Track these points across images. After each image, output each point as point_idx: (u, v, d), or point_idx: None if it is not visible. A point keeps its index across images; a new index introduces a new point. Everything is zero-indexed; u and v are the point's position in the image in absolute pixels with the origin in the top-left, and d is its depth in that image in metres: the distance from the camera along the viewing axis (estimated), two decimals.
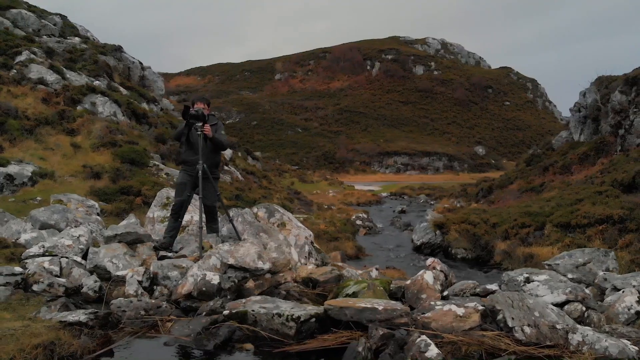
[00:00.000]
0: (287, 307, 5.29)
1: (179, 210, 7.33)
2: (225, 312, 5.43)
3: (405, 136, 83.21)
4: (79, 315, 5.14)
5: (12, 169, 11.35)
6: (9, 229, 7.59)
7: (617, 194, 11.78)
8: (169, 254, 7.11)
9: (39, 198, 11.03)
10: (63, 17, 23.21)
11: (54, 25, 21.50)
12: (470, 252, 11.85)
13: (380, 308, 4.97)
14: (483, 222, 12.22)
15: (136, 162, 13.33)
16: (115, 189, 11.59)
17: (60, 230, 7.74)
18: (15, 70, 15.47)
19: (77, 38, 21.34)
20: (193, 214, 9.83)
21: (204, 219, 7.78)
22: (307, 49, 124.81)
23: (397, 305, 5.15)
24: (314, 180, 42.96)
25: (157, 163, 13.83)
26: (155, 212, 9.65)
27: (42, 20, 20.81)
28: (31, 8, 21.36)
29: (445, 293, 6.40)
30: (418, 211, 26.81)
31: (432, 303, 5.55)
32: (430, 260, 7.66)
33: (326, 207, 22.81)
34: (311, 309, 5.25)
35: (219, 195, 7.41)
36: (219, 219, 8.14)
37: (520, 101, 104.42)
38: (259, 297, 5.74)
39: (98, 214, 10.12)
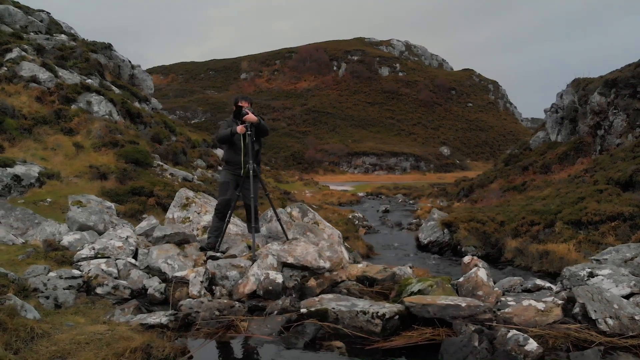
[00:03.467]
0: (365, 305, 5.33)
1: (223, 210, 7.28)
2: (303, 310, 5.44)
3: (373, 137, 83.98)
4: (159, 317, 5.08)
5: (19, 169, 10.99)
6: (43, 231, 7.36)
7: (618, 192, 12.24)
8: (218, 254, 7.05)
9: (49, 199, 10.72)
10: (47, 14, 22.46)
11: (41, 21, 20.72)
12: (480, 250, 12.09)
13: (463, 305, 5.06)
14: (490, 220, 12.50)
15: (140, 163, 13.07)
16: (127, 190, 11.35)
17: (99, 232, 7.56)
18: (6, 68, 14.88)
19: (63, 35, 20.69)
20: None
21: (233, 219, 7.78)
22: (269, 48, 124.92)
23: (478, 301, 5.27)
24: (289, 181, 42.87)
25: (160, 163, 13.58)
26: (175, 212, 9.55)
27: (29, 17, 20.05)
28: (16, 4, 20.55)
29: (496, 289, 6.55)
30: (401, 210, 27.11)
31: (503, 299, 5.70)
32: (468, 258, 7.80)
33: (314, 207, 22.83)
34: (390, 306, 5.31)
35: (268, 194, 7.39)
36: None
37: (482, 102, 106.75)
38: (331, 295, 5.76)
39: (117, 215, 9.92)
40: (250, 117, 6.79)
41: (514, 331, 4.70)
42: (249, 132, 6.95)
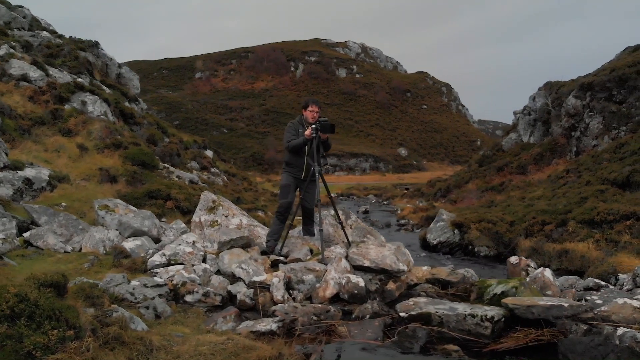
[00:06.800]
0: (466, 308, 5.36)
1: (285, 213, 7.23)
2: (402, 313, 5.43)
3: (332, 137, 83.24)
4: (269, 324, 4.99)
5: (29, 172, 10.46)
6: (92, 238, 7.04)
7: (620, 192, 12.77)
8: (281, 258, 6.97)
9: (63, 204, 10.26)
10: (28, 10, 21.31)
11: (24, 17, 19.64)
12: (492, 250, 12.35)
13: (566, 305, 5.16)
14: (500, 221, 12.80)
15: (147, 165, 12.67)
16: (142, 193, 10.98)
17: (153, 237, 7.30)
18: None
19: (45, 32, 19.71)
20: (241, 217, 9.62)
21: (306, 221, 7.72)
22: (221, 47, 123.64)
23: (578, 301, 5.40)
24: (256, 182, 42.50)
25: (166, 165, 13.21)
26: (202, 216, 9.34)
27: (12, 12, 18.96)
28: None
29: (569, 289, 6.73)
30: (379, 211, 27.34)
31: (589, 298, 5.85)
32: (516, 259, 7.99)
33: None
34: (489, 308, 5.36)
35: (331, 196, 7.34)
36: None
37: (436, 105, 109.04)
38: (425, 299, 5.77)
39: None
40: (323, 136, 6.82)
41: (624, 329, 4.83)
42: (314, 135, 6.90)
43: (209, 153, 20.41)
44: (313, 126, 6.79)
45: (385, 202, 32.72)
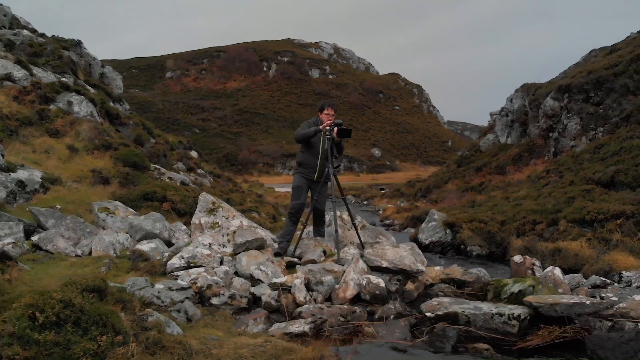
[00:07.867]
0: (490, 307, 5.45)
1: (297, 214, 7.26)
2: (428, 313, 5.48)
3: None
4: (302, 326, 5.01)
5: (22, 174, 10.21)
6: (102, 241, 6.91)
7: (606, 192, 13.12)
8: (295, 259, 6.98)
9: (58, 206, 10.03)
10: (8, 8, 20.66)
11: (5, 16, 19.04)
12: (484, 249, 12.54)
13: (587, 302, 5.30)
14: (490, 220, 13.02)
15: (138, 166, 12.48)
16: (138, 195, 10.81)
17: (164, 240, 7.21)
18: None
19: (25, 30, 19.15)
20: (242, 219, 9.58)
21: (319, 223, 7.75)
22: (190, 46, 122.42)
23: (595, 299, 5.55)
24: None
25: (157, 167, 13.03)
26: (202, 218, 9.28)
27: None
28: None
29: (583, 287, 6.91)
30: (360, 212, 27.43)
31: (604, 295, 6.02)
32: (520, 258, 8.14)
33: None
34: (513, 307, 5.47)
35: (345, 198, 7.37)
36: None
37: (408, 106, 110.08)
38: (448, 299, 5.84)
39: None
40: (337, 139, 6.82)
41: None
42: (328, 136, 6.91)
43: (194, 154, 20.24)
44: (329, 123, 6.77)
45: (365, 202, 32.91)
